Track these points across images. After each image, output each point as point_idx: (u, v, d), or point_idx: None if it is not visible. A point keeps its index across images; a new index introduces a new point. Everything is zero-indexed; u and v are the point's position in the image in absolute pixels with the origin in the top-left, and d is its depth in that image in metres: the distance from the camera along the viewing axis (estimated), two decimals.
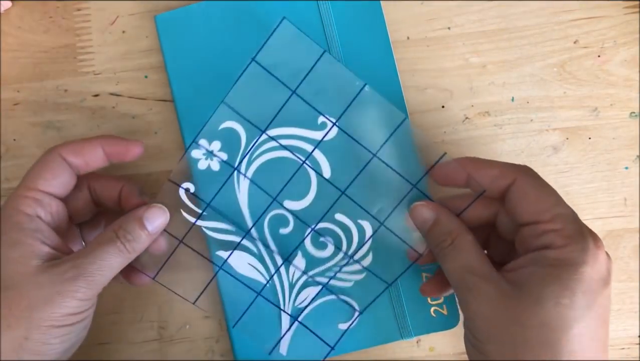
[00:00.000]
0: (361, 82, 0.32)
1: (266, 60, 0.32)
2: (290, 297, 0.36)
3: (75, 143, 0.32)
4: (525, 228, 0.29)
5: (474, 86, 0.39)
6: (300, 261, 0.35)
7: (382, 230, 0.34)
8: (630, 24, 0.39)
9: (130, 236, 0.31)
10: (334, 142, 0.33)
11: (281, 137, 0.33)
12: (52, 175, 0.31)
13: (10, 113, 0.39)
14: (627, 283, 0.38)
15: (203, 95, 0.38)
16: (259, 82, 0.32)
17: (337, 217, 0.34)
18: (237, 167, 0.34)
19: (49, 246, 0.30)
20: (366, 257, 0.35)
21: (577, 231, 0.28)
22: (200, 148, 0.33)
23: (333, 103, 0.33)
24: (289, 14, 0.37)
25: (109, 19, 0.40)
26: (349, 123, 0.33)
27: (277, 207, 0.34)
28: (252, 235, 0.35)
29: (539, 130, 0.39)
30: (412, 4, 0.39)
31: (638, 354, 0.38)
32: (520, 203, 0.29)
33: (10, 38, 0.40)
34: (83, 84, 0.39)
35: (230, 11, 0.38)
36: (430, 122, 0.39)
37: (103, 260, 0.30)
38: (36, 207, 0.30)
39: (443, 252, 0.30)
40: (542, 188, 0.29)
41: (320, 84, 0.32)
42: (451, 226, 0.31)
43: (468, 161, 0.31)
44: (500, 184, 0.30)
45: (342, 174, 0.34)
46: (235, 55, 0.38)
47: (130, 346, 0.38)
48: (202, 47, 0.38)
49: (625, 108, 0.38)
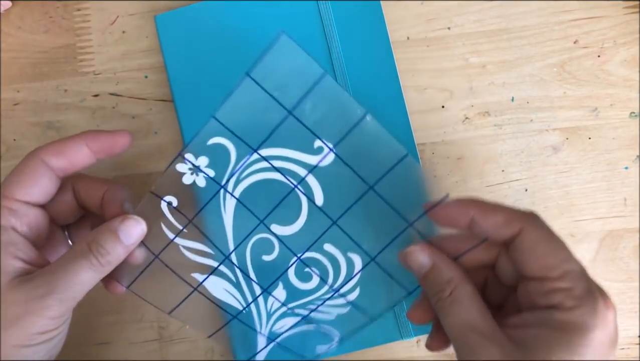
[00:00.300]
0: (363, 110, 0.29)
1: (262, 76, 0.29)
2: (267, 323, 0.34)
3: (57, 143, 0.30)
4: (531, 283, 0.27)
5: (474, 86, 0.39)
6: (280, 293, 0.33)
7: (372, 266, 0.32)
8: (630, 24, 0.39)
9: (104, 250, 0.29)
10: (329, 169, 0.31)
11: (273, 158, 0.31)
12: (32, 182, 0.30)
13: (10, 113, 0.39)
14: (627, 283, 0.38)
15: (203, 95, 0.38)
16: (253, 99, 0.29)
17: (326, 247, 0.32)
18: (225, 185, 0.31)
19: (21, 260, 0.28)
20: (352, 291, 0.33)
21: (587, 291, 0.26)
22: (186, 163, 0.31)
23: (332, 128, 0.30)
24: (289, 14, 0.38)
25: (109, 19, 0.40)
26: (347, 151, 0.30)
27: (263, 230, 0.32)
28: (232, 260, 0.33)
29: (539, 130, 0.39)
30: (412, 4, 0.39)
31: (638, 354, 0.38)
32: (527, 257, 0.27)
33: (10, 38, 0.40)
34: (83, 84, 0.39)
35: (230, 11, 0.38)
36: (430, 122, 0.39)
37: (76, 275, 0.28)
38: (10, 217, 0.29)
39: (441, 303, 0.28)
40: (550, 241, 0.27)
41: (319, 106, 0.30)
42: (449, 274, 0.28)
43: (472, 203, 0.29)
44: (505, 233, 0.28)
45: (335, 203, 0.31)
46: (235, 55, 0.38)
47: (130, 346, 0.38)
48: (202, 47, 0.38)
49: (625, 108, 0.38)
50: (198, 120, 0.37)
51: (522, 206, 0.38)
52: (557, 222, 0.38)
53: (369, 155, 0.30)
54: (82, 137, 0.31)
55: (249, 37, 0.38)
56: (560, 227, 0.38)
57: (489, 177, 0.38)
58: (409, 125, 0.38)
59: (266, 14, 0.38)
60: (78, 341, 0.38)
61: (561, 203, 0.38)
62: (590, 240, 0.38)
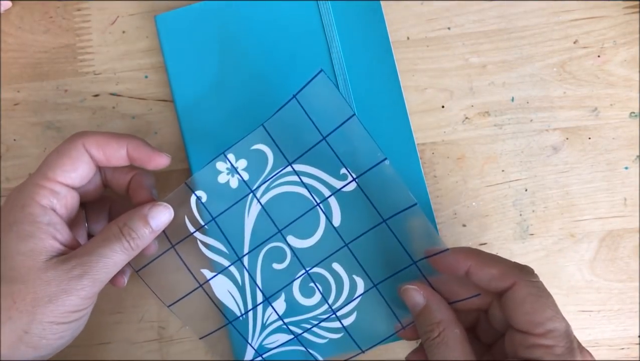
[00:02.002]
0: (382, 155, 0.31)
1: (305, 100, 0.31)
2: (259, 335, 0.35)
3: (101, 136, 0.32)
4: (517, 334, 0.29)
5: (474, 86, 0.39)
6: (280, 304, 0.35)
7: (373, 292, 0.34)
8: (630, 24, 0.39)
9: (135, 234, 0.30)
10: (350, 195, 0.33)
11: (304, 174, 0.33)
12: (73, 166, 0.31)
13: (10, 113, 0.39)
14: (627, 283, 0.38)
15: (203, 95, 0.38)
16: (296, 118, 0.32)
17: (334, 266, 0.34)
18: (255, 190, 0.33)
19: (59, 242, 0.30)
20: (349, 316, 0.34)
21: (568, 350, 0.28)
22: (226, 162, 0.33)
23: (356, 161, 0.32)
24: (289, 14, 0.38)
25: (109, 19, 0.40)
26: (368, 184, 0.32)
27: (279, 239, 0.34)
28: (243, 264, 0.34)
29: (539, 130, 0.39)
30: (412, 4, 0.39)
31: (638, 354, 0.38)
32: (515, 310, 0.29)
33: (10, 38, 0.40)
34: (83, 84, 0.39)
35: (230, 11, 0.38)
36: (430, 122, 0.39)
37: (109, 258, 0.29)
38: (52, 198, 0.30)
39: (430, 343, 0.30)
40: (538, 298, 0.29)
41: (347, 139, 0.32)
42: (440, 316, 0.30)
43: (470, 254, 0.31)
44: (498, 285, 0.30)
45: (350, 227, 0.33)
46: (235, 55, 0.38)
47: (130, 346, 0.38)
48: (202, 47, 0.38)
49: (625, 108, 0.38)
50: (198, 120, 0.38)
51: (522, 206, 0.38)
52: (557, 222, 0.38)
53: (384, 193, 0.32)
54: (125, 140, 0.32)
55: (249, 37, 0.38)
56: (560, 227, 0.38)
57: (489, 177, 0.38)
58: (409, 125, 0.38)
59: (266, 14, 0.38)
60: (78, 341, 0.38)
61: (561, 203, 0.38)
62: (590, 240, 0.38)
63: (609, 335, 0.38)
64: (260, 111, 0.34)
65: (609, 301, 0.38)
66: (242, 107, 0.37)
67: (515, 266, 0.30)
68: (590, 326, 0.37)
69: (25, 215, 0.29)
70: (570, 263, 0.38)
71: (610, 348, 0.38)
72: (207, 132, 0.37)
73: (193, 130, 0.38)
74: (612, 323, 0.38)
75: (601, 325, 0.38)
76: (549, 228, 0.38)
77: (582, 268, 0.38)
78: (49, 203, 0.30)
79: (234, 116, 0.37)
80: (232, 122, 0.37)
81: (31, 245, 0.29)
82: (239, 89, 0.38)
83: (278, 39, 0.38)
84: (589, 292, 0.38)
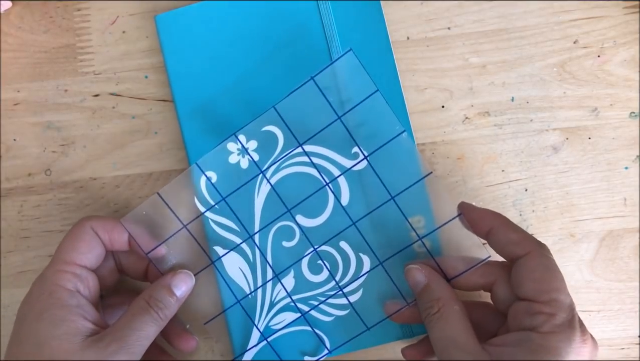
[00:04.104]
0: (401, 127, 0.33)
1: (323, 82, 0.33)
2: (266, 315, 0.36)
3: (106, 221, 0.33)
4: (521, 303, 0.30)
5: (474, 86, 0.39)
6: (289, 281, 0.35)
7: (379, 270, 0.35)
8: (630, 24, 0.39)
9: (162, 304, 0.32)
10: (360, 174, 0.34)
11: (314, 155, 0.34)
12: (87, 248, 0.32)
13: (10, 113, 0.39)
14: (627, 283, 0.38)
15: (203, 95, 0.38)
16: (311, 99, 0.33)
17: (341, 244, 0.35)
18: (264, 170, 0.35)
19: (90, 321, 0.31)
20: (356, 292, 0.35)
21: (568, 321, 0.28)
22: (236, 143, 0.34)
23: (370, 139, 0.34)
24: (289, 14, 0.38)
25: (109, 19, 0.40)
26: (379, 162, 0.34)
27: (288, 218, 0.35)
28: (254, 241, 0.35)
29: (539, 130, 0.39)
30: (412, 4, 0.39)
31: (638, 354, 0.38)
32: (525, 278, 0.30)
33: (10, 38, 0.40)
34: (83, 84, 0.39)
35: (230, 11, 0.38)
36: (430, 122, 0.39)
37: (141, 331, 0.30)
38: (76, 281, 0.31)
39: (429, 318, 0.31)
40: (549, 270, 0.30)
41: (364, 117, 0.33)
42: (439, 293, 0.31)
43: (497, 216, 0.32)
44: (513, 251, 0.31)
45: (358, 206, 0.35)
46: (235, 55, 0.38)
47: None
48: (202, 47, 0.38)
49: (625, 108, 0.38)
50: (198, 120, 0.38)
51: (522, 206, 0.38)
52: (557, 222, 0.38)
53: (397, 169, 0.34)
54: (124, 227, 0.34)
55: (249, 37, 0.38)
56: (560, 227, 0.38)
57: (489, 177, 0.38)
58: (409, 125, 0.38)
59: (266, 14, 0.38)
60: None
61: (561, 203, 0.38)
62: (590, 240, 0.38)
63: (609, 335, 0.38)
64: (260, 111, 0.34)
65: (609, 301, 0.38)
66: (242, 107, 0.37)
67: (535, 239, 0.31)
68: (590, 326, 0.37)
69: (54, 301, 0.30)
70: (570, 263, 0.38)
71: (610, 348, 0.38)
72: (207, 132, 0.37)
73: (193, 130, 0.38)
74: (612, 323, 0.38)
75: (601, 325, 0.38)
76: (549, 228, 0.38)
77: (582, 268, 0.38)
78: (74, 286, 0.31)
79: (234, 116, 0.37)
80: (232, 121, 0.37)
81: (65, 328, 0.29)
82: (239, 89, 0.38)
83: (278, 39, 0.38)
84: (589, 292, 0.38)
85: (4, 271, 0.39)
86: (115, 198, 0.39)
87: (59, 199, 0.39)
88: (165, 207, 0.34)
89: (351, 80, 0.33)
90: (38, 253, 0.39)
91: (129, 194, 0.39)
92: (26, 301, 0.31)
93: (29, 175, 0.39)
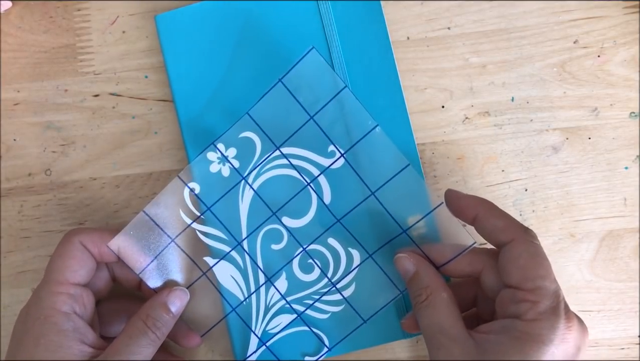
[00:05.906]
0: (374, 122, 0.33)
1: (291, 82, 0.33)
2: (263, 320, 0.36)
3: (94, 234, 0.33)
4: (507, 290, 0.30)
5: (474, 86, 0.39)
6: (282, 283, 0.36)
7: (369, 262, 0.35)
8: (630, 24, 0.39)
9: (159, 323, 0.32)
10: (339, 171, 0.34)
11: (292, 156, 0.35)
12: (79, 265, 0.32)
13: (10, 113, 0.39)
14: (627, 283, 0.38)
15: (203, 95, 0.38)
16: (282, 102, 0.33)
17: (329, 241, 0.35)
18: (246, 177, 0.35)
19: (87, 345, 0.30)
20: (348, 287, 0.35)
21: (552, 308, 0.28)
22: (216, 152, 0.34)
23: (344, 136, 0.34)
24: (289, 14, 0.38)
25: (109, 19, 0.40)
26: (356, 158, 0.34)
27: (274, 221, 0.35)
28: (243, 247, 0.35)
29: (539, 130, 0.39)
30: (412, 4, 0.39)
31: (638, 354, 0.38)
32: (510, 263, 0.30)
33: (10, 38, 0.40)
34: (83, 84, 0.39)
35: (230, 11, 0.38)
36: (430, 122, 0.39)
37: (138, 354, 0.30)
38: (71, 303, 0.31)
39: (418, 306, 0.31)
40: (534, 257, 0.30)
41: (336, 114, 0.34)
42: (427, 281, 0.32)
43: (482, 203, 0.32)
44: (499, 237, 0.31)
45: (341, 203, 0.35)
46: (235, 55, 0.38)
47: None
48: (202, 47, 0.38)
49: (625, 108, 0.38)
50: (198, 120, 0.38)
51: (522, 206, 0.38)
52: (557, 222, 0.38)
53: (374, 163, 0.34)
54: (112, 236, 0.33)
55: (249, 37, 0.38)
56: (560, 227, 0.38)
57: (489, 177, 0.38)
58: (409, 125, 0.38)
59: (266, 14, 0.38)
60: None
61: (561, 203, 0.38)
62: (590, 240, 0.38)
63: (609, 335, 0.38)
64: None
65: (609, 301, 0.38)
66: (242, 107, 0.37)
67: (520, 225, 0.31)
68: (590, 326, 0.37)
69: (50, 326, 0.30)
70: (570, 263, 0.38)
71: (610, 348, 0.38)
72: (207, 132, 0.37)
73: (193, 130, 0.38)
74: (612, 323, 0.38)
75: (601, 325, 0.38)
76: (549, 228, 0.38)
77: (582, 268, 0.38)
78: (70, 308, 0.31)
79: (234, 116, 0.37)
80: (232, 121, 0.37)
81: (61, 354, 0.29)
82: (239, 89, 0.38)
83: (278, 38, 0.38)
84: (589, 292, 0.38)
85: (4, 271, 0.39)
86: (115, 198, 0.39)
87: (59, 199, 0.39)
88: (152, 223, 0.34)
89: (319, 79, 0.33)
90: (38, 253, 0.39)
91: (129, 194, 0.39)
92: (22, 322, 0.31)
93: (29, 175, 0.39)
